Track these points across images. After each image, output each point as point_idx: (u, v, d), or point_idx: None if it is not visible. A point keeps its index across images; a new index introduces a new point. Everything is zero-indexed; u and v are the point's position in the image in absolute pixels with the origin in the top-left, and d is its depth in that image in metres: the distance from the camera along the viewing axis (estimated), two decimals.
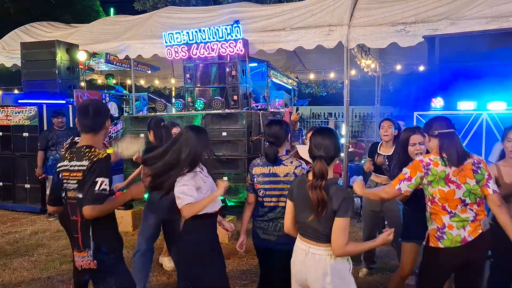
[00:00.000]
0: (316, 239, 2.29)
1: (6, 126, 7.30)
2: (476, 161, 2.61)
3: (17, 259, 4.86)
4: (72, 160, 2.32)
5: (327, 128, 2.45)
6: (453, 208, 2.59)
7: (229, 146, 6.53)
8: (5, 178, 7.42)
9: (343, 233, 2.18)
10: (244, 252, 5.02)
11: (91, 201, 2.20)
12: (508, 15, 5.59)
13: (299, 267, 2.36)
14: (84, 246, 2.28)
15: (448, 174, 2.59)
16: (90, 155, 2.27)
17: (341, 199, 2.19)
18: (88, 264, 2.27)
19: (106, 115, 2.47)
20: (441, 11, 6.12)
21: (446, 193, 2.58)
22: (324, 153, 2.25)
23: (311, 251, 2.29)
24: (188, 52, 7.08)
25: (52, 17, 14.63)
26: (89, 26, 9.91)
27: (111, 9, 20.62)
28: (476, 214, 2.60)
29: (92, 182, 2.20)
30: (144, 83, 12.90)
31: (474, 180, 2.57)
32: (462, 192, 2.57)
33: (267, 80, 8.19)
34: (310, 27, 6.78)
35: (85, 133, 2.40)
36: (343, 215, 2.18)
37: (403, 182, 2.66)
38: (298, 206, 2.38)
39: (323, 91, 15.56)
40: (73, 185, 2.29)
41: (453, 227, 2.58)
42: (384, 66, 10.52)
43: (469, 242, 2.57)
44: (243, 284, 4.12)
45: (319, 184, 2.19)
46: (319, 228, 2.26)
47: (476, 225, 2.58)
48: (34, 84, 7.53)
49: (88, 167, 2.23)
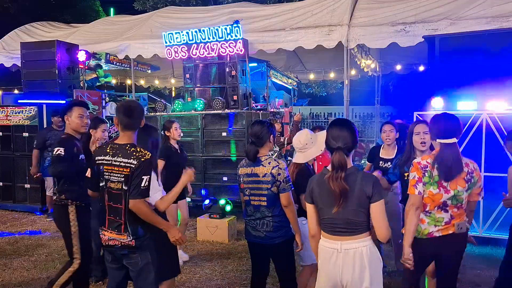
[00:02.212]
0: (349, 233, 2.24)
1: (6, 126, 7.30)
2: (471, 170, 2.62)
3: (17, 259, 4.86)
4: (116, 156, 2.61)
5: (344, 119, 2.43)
6: (431, 209, 2.64)
7: (229, 146, 6.53)
8: (5, 178, 7.42)
9: (384, 216, 2.22)
10: (244, 252, 5.03)
11: (137, 196, 2.54)
12: (508, 15, 5.59)
13: (331, 269, 2.26)
14: (125, 230, 2.61)
15: (440, 180, 2.61)
16: (137, 155, 2.58)
17: (372, 184, 2.20)
18: (128, 243, 2.61)
19: (143, 114, 2.80)
20: (441, 11, 6.12)
21: (434, 194, 2.60)
22: (342, 145, 2.24)
23: (344, 247, 2.23)
24: (188, 52, 7.08)
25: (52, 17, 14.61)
26: (89, 26, 9.91)
27: (111, 9, 20.62)
28: (452, 217, 2.63)
29: (139, 179, 2.54)
30: (144, 83, 12.89)
31: (466, 187, 2.60)
32: (449, 196, 2.60)
33: (267, 80, 8.20)
34: (310, 27, 6.78)
35: (126, 131, 2.68)
36: (378, 199, 2.20)
37: (418, 185, 2.61)
38: (324, 203, 2.31)
39: (323, 91, 15.55)
40: (118, 178, 2.59)
41: (425, 222, 2.66)
42: (384, 66, 10.52)
43: (436, 237, 2.62)
44: (243, 284, 4.12)
45: (340, 176, 2.19)
46: (355, 218, 2.22)
47: (448, 226, 2.63)
48: (34, 84, 7.53)
49: (137, 165, 2.55)
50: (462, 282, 4.04)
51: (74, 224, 3.34)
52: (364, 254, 2.21)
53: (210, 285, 4.13)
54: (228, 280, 4.22)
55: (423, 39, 5.81)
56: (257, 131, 3.02)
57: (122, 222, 2.62)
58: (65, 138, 3.45)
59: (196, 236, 5.63)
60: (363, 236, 2.24)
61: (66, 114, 3.47)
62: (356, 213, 2.22)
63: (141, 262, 2.63)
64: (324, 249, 2.32)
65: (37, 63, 7.51)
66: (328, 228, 2.32)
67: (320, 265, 2.35)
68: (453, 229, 2.61)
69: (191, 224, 6.04)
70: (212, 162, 6.66)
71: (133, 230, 2.61)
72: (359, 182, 2.21)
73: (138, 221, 2.62)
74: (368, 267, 2.20)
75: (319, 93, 16.01)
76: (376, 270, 2.25)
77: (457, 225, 2.61)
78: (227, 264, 4.68)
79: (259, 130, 3.02)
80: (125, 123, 2.66)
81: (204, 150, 6.65)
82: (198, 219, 5.68)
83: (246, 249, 5.13)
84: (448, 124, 2.61)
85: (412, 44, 6.13)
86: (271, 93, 8.86)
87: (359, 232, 2.24)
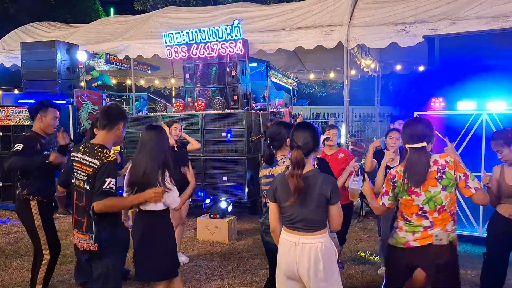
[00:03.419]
0: (307, 230, 2.37)
1: (6, 126, 7.30)
2: (441, 166, 2.47)
3: (17, 259, 4.86)
4: (85, 155, 2.61)
5: (308, 123, 2.57)
6: (409, 216, 2.55)
7: (229, 146, 6.54)
8: (5, 178, 7.42)
9: (340, 214, 2.40)
10: (244, 252, 5.03)
11: (99, 197, 2.49)
12: (508, 15, 5.59)
13: (289, 259, 2.40)
14: (87, 230, 2.57)
15: (410, 186, 2.52)
16: (101, 156, 2.55)
17: (331, 187, 2.34)
18: (89, 246, 2.56)
19: (121, 116, 2.76)
20: (441, 11, 6.12)
21: (407, 200, 2.55)
22: (302, 144, 2.37)
23: (302, 241, 2.37)
24: (188, 52, 7.08)
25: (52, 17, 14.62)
26: (89, 26, 9.92)
27: (111, 9, 20.63)
28: (432, 223, 2.48)
29: (102, 181, 2.50)
30: (144, 83, 12.90)
31: (440, 187, 2.45)
32: (421, 199, 2.49)
33: (267, 80, 8.20)
34: (310, 27, 6.79)
35: (101, 130, 2.71)
36: (336, 201, 2.36)
37: (383, 197, 2.66)
38: (285, 201, 2.41)
39: (323, 91, 15.56)
40: (82, 176, 2.59)
41: (402, 229, 2.58)
42: (384, 66, 10.52)
43: (412, 247, 2.52)
44: (243, 284, 4.12)
45: (296, 173, 2.31)
46: (314, 217, 2.36)
47: (427, 235, 2.48)
48: (34, 84, 7.53)
49: (99, 166, 2.52)
50: (462, 282, 4.04)
51: (37, 217, 3.42)
52: (319, 249, 2.35)
53: (210, 285, 4.12)
54: (228, 280, 4.21)
55: (423, 39, 5.81)
56: (274, 133, 2.94)
57: (85, 221, 2.59)
58: (28, 136, 3.53)
59: (196, 236, 5.63)
60: (320, 233, 2.38)
61: (39, 112, 3.50)
62: (314, 212, 2.36)
63: (100, 269, 2.59)
64: (284, 242, 2.45)
65: (37, 63, 7.51)
66: (288, 224, 2.45)
67: (280, 255, 2.48)
68: (431, 239, 2.46)
69: (191, 224, 6.04)
70: (212, 162, 6.66)
71: (97, 231, 2.55)
72: (319, 184, 2.35)
73: (104, 223, 2.56)
74: (322, 260, 2.33)
75: (319, 93, 16.02)
76: (330, 262, 2.38)
77: (435, 235, 2.45)
78: (227, 264, 4.68)
79: (276, 132, 2.93)
80: (101, 124, 2.71)
81: (204, 150, 6.65)
82: (198, 219, 5.67)
83: (246, 249, 5.16)
84: (415, 128, 2.55)
85: (412, 44, 6.13)
86: (271, 93, 8.85)
87: (316, 229, 2.38)
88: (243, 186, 6.42)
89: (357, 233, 5.71)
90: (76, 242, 2.65)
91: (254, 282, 4.15)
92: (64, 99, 7.36)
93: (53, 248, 3.50)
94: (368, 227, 6.14)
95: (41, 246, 3.44)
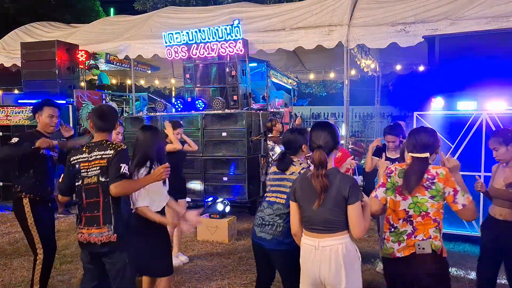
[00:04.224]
0: (326, 231, 2.32)
1: (6, 126, 7.30)
2: (431, 176, 2.44)
3: (17, 259, 4.86)
4: (93, 152, 2.72)
5: (326, 122, 2.57)
6: (395, 222, 2.54)
7: (229, 146, 6.54)
8: (5, 178, 7.41)
9: (360, 217, 2.28)
10: (244, 252, 5.03)
11: (116, 179, 2.60)
12: (508, 15, 5.59)
13: (310, 265, 2.35)
14: (105, 222, 2.65)
15: (400, 185, 2.53)
16: (114, 146, 2.71)
17: (349, 185, 2.28)
18: (109, 237, 2.63)
19: (117, 117, 2.95)
20: (441, 11, 6.12)
21: (394, 202, 2.54)
22: (322, 143, 2.36)
23: (321, 245, 2.32)
24: (188, 52, 7.08)
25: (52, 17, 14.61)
26: (89, 26, 9.91)
27: (111, 9, 20.62)
28: (415, 229, 2.47)
29: (117, 166, 2.62)
30: (144, 83, 12.89)
31: (427, 196, 2.44)
32: (407, 204, 2.48)
33: (267, 80, 8.20)
34: (310, 27, 6.78)
35: (100, 133, 2.79)
36: (354, 201, 2.27)
37: (379, 189, 2.62)
38: (305, 201, 2.40)
39: (323, 91, 15.55)
40: (95, 171, 2.68)
41: (389, 240, 2.56)
42: (384, 66, 10.52)
43: (398, 257, 2.50)
44: (243, 284, 4.12)
45: (321, 173, 2.29)
46: (331, 217, 2.30)
47: (410, 243, 2.46)
48: (34, 84, 7.53)
49: (113, 154, 2.66)
50: (462, 282, 4.05)
51: (29, 215, 3.43)
52: (340, 252, 2.28)
53: (210, 285, 4.13)
54: (228, 280, 4.21)
55: (423, 39, 5.80)
56: (290, 140, 2.94)
57: (100, 214, 2.66)
58: (28, 131, 3.62)
59: (196, 236, 5.63)
60: (340, 234, 2.32)
61: (37, 112, 3.57)
62: (333, 212, 2.31)
63: (118, 263, 2.68)
64: (304, 246, 2.41)
65: (37, 63, 7.51)
66: (307, 226, 2.42)
67: (301, 261, 2.44)
68: (414, 249, 2.44)
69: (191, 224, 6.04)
70: (212, 162, 6.65)
71: (115, 222, 2.65)
72: (337, 182, 2.31)
73: (119, 215, 2.69)
74: (344, 265, 2.27)
75: (319, 93, 16.01)
76: (352, 268, 2.30)
77: (418, 244, 2.43)
78: (227, 264, 4.68)
79: (291, 139, 2.93)
80: (98, 126, 2.79)
81: (204, 150, 6.65)
82: None
83: (246, 249, 5.15)
84: (419, 138, 2.53)
85: (412, 44, 6.13)
86: (271, 93, 8.86)
87: (336, 230, 2.32)
88: (243, 186, 6.42)
89: None
90: (90, 239, 2.66)
91: (254, 282, 4.10)
92: (64, 99, 7.36)
93: (48, 247, 3.49)
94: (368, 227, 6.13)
95: (35, 245, 3.44)
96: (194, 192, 6.70)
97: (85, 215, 2.72)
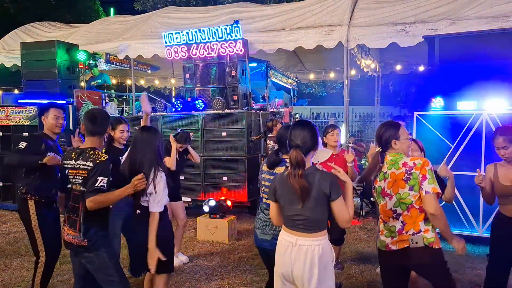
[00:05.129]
0: (306, 230, 2.33)
1: (6, 126, 7.29)
2: (409, 167, 2.53)
3: (17, 259, 4.86)
4: (78, 160, 2.76)
5: (305, 121, 2.54)
6: (387, 219, 2.66)
7: (229, 146, 6.54)
8: (5, 178, 7.41)
9: (344, 210, 2.31)
10: (244, 252, 5.03)
11: (90, 194, 2.65)
12: (508, 15, 5.59)
13: (284, 259, 2.38)
14: (80, 228, 2.74)
15: (383, 188, 2.63)
16: (94, 157, 2.71)
17: (329, 182, 2.29)
18: (80, 242, 2.74)
19: (108, 121, 3.00)
20: (441, 11, 6.12)
21: (382, 205, 2.66)
22: (300, 143, 2.34)
23: (299, 243, 2.33)
24: (188, 52, 7.08)
25: (52, 17, 14.61)
26: (89, 26, 9.91)
27: (111, 9, 20.59)
28: (404, 224, 2.56)
29: (94, 179, 2.65)
30: (144, 83, 12.89)
31: (407, 187, 2.52)
32: (393, 202, 2.58)
33: (267, 80, 8.19)
34: (310, 27, 6.78)
35: (91, 136, 2.83)
36: (336, 198, 2.29)
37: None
38: (286, 201, 2.41)
39: (323, 91, 15.55)
40: (79, 180, 2.74)
41: (383, 233, 2.69)
42: (384, 66, 10.51)
43: (393, 250, 2.60)
44: (243, 284, 4.12)
45: (297, 173, 2.28)
46: (314, 216, 2.32)
47: (403, 238, 2.55)
48: (34, 84, 7.53)
49: (92, 167, 2.68)
50: (462, 282, 4.05)
51: (34, 217, 3.45)
52: (316, 252, 2.30)
53: (210, 285, 4.13)
54: (228, 280, 4.21)
55: (423, 39, 5.80)
56: (282, 137, 2.90)
57: (78, 220, 2.75)
58: (34, 135, 3.68)
59: (196, 236, 5.63)
60: (319, 235, 2.34)
61: (43, 115, 3.64)
62: (314, 211, 2.32)
63: (97, 260, 2.76)
64: (282, 241, 2.43)
65: (37, 63, 7.51)
66: (288, 223, 2.43)
67: (277, 255, 2.46)
68: (408, 243, 2.53)
69: (191, 224, 6.04)
70: (212, 162, 6.66)
71: (85, 229, 2.73)
72: (316, 181, 2.30)
73: (92, 221, 2.75)
74: (318, 265, 2.29)
75: (319, 93, 16.01)
76: (325, 268, 2.33)
77: (411, 239, 2.52)
78: (227, 264, 4.68)
79: (284, 135, 2.86)
80: (89, 129, 2.83)
81: (204, 150, 6.65)
82: (198, 219, 5.67)
83: (246, 249, 5.16)
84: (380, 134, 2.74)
85: (412, 44, 6.13)
86: (271, 93, 8.84)
87: (316, 230, 2.34)
88: (243, 186, 6.42)
89: (357, 233, 5.70)
90: (67, 238, 2.82)
91: (254, 282, 4.15)
92: (64, 99, 7.36)
93: (50, 250, 3.48)
94: (368, 227, 6.14)
95: (37, 247, 3.44)
96: (194, 192, 6.71)
97: (68, 216, 2.84)
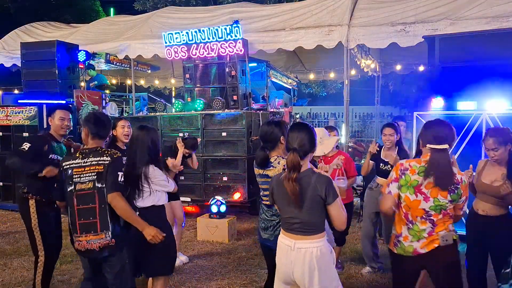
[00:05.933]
0: (303, 233, 2.33)
1: (6, 126, 7.28)
2: (456, 181, 2.46)
3: (17, 259, 4.86)
4: (87, 157, 2.74)
5: (303, 124, 2.51)
6: (414, 219, 2.53)
7: (229, 146, 6.53)
8: (5, 178, 7.41)
9: (340, 212, 2.31)
10: (244, 252, 5.03)
11: (114, 189, 2.66)
12: (508, 15, 5.59)
13: (284, 263, 2.37)
14: (102, 228, 2.68)
15: (420, 184, 2.48)
16: (110, 153, 2.75)
17: (325, 185, 2.27)
18: (107, 242, 2.68)
19: (111, 125, 3.08)
20: (441, 11, 6.12)
21: (411, 201, 2.51)
22: (297, 146, 2.31)
23: (297, 246, 2.32)
24: (188, 52, 7.08)
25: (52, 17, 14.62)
26: (89, 26, 9.91)
27: (111, 9, 20.60)
28: (435, 225, 2.50)
29: (115, 174, 2.68)
30: (144, 83, 12.89)
31: (448, 199, 2.46)
32: (428, 205, 2.48)
33: (266, 80, 8.19)
34: (310, 27, 6.78)
35: (96, 139, 2.85)
36: (332, 201, 2.28)
37: (391, 184, 2.58)
38: (282, 203, 2.40)
39: (323, 91, 15.55)
40: (90, 177, 2.70)
41: (408, 239, 2.55)
42: (384, 66, 10.52)
43: (421, 253, 2.52)
44: (243, 284, 4.12)
45: (292, 176, 2.25)
46: (310, 219, 2.31)
47: (433, 238, 2.50)
48: (34, 84, 7.52)
49: (110, 161, 2.70)
50: None
51: (34, 217, 3.45)
52: (314, 255, 2.29)
53: (210, 285, 4.13)
54: (228, 280, 4.21)
55: (423, 39, 5.80)
56: (266, 133, 2.85)
57: (97, 220, 2.68)
58: (38, 136, 3.71)
59: (196, 236, 5.63)
60: (317, 237, 2.33)
61: (50, 116, 3.67)
62: (310, 213, 2.31)
63: (118, 264, 2.74)
64: (281, 245, 2.43)
65: (37, 63, 7.50)
66: (285, 226, 2.42)
67: (277, 259, 2.46)
68: (438, 242, 2.48)
69: (191, 224, 6.04)
70: (212, 162, 6.65)
71: (113, 227, 2.69)
72: (312, 184, 2.29)
73: (115, 218, 2.72)
74: (317, 267, 2.28)
75: (319, 93, 16.01)
76: (326, 270, 2.32)
77: (442, 237, 2.48)
78: (227, 264, 4.68)
79: (268, 131, 2.84)
80: (95, 132, 2.84)
81: (204, 150, 6.65)
82: (198, 219, 5.67)
83: (246, 249, 5.16)
84: (440, 130, 2.53)
85: (412, 44, 6.13)
86: (271, 93, 8.85)
87: (313, 233, 2.33)
88: (243, 186, 6.42)
89: (357, 233, 5.70)
90: (88, 246, 2.69)
91: (254, 282, 4.15)
92: (64, 99, 7.36)
93: (50, 250, 3.48)
94: None
95: (36, 247, 3.45)
96: (194, 192, 6.70)
97: (79, 222, 2.71)
